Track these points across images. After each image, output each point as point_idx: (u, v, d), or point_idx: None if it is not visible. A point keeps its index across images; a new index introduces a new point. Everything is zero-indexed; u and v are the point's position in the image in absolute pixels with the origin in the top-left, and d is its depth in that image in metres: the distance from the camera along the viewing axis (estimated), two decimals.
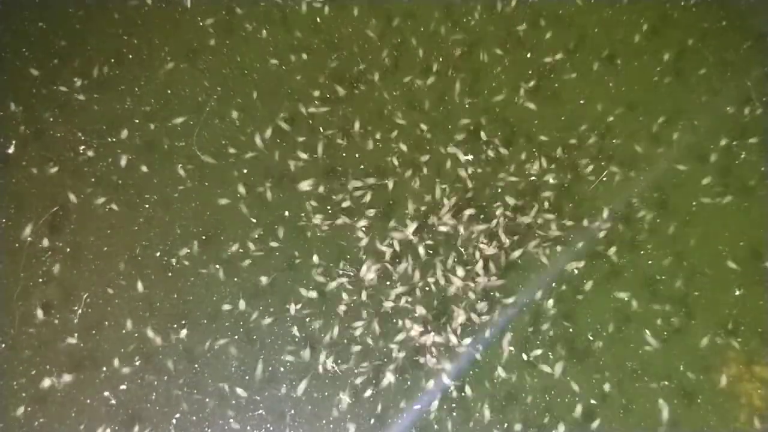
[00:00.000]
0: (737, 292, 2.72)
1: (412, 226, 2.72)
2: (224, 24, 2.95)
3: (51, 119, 2.80)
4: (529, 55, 2.95)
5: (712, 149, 2.87)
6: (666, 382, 2.62)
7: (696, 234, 2.78)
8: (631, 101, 2.90)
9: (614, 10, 3.00)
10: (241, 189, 2.77)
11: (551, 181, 2.82)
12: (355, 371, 2.60)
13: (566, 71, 2.94)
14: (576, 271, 2.71)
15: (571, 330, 2.67)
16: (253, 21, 2.95)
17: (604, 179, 2.82)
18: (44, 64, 2.85)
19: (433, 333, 2.62)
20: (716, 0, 2.99)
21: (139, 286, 2.65)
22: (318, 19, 2.97)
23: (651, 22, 2.98)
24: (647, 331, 2.66)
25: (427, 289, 2.69)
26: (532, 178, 2.81)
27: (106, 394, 2.57)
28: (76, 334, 2.60)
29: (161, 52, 2.90)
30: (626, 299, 2.69)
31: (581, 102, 2.91)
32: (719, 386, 2.62)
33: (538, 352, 2.64)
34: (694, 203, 2.82)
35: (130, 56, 2.89)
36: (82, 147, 2.79)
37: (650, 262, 2.75)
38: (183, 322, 2.65)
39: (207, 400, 2.58)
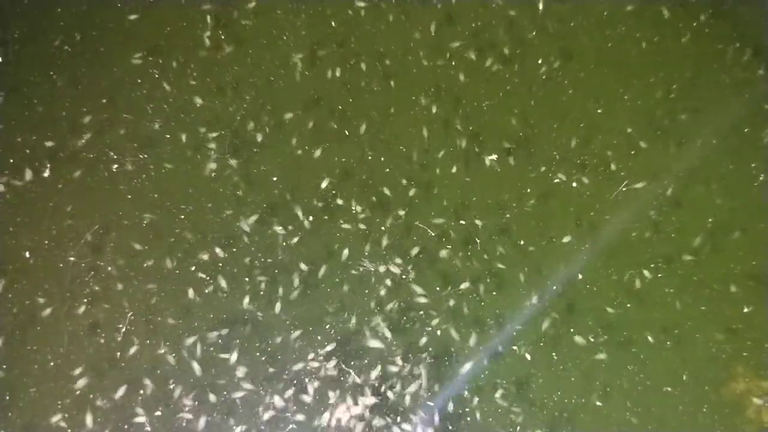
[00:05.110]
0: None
1: None
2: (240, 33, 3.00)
3: (83, 141, 2.84)
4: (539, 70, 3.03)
5: (731, 170, 2.94)
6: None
7: (708, 252, 2.88)
8: (646, 122, 2.97)
9: (627, 27, 3.05)
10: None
11: None
12: None
13: (579, 88, 3.01)
14: None
15: None
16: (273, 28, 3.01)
17: (624, 189, 2.91)
18: (74, 89, 2.90)
19: None
20: (729, 21, 3.04)
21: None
22: None
23: (665, 43, 3.04)
24: None
25: None
26: None
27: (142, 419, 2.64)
28: (118, 353, 2.66)
29: (186, 68, 2.95)
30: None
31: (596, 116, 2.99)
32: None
33: None
34: (710, 219, 2.90)
35: (156, 75, 2.94)
36: (116, 166, 2.83)
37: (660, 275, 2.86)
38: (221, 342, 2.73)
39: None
